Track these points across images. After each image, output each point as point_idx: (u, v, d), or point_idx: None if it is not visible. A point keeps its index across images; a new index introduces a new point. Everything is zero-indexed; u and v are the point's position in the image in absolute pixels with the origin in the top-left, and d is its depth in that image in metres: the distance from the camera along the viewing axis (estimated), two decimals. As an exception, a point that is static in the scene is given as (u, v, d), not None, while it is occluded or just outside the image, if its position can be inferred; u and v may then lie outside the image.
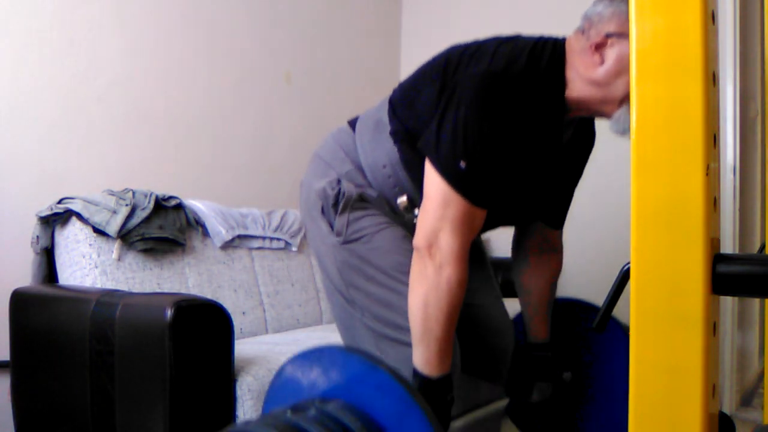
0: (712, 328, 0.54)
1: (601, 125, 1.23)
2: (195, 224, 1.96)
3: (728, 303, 2.39)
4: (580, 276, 2.21)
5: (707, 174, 0.52)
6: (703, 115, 0.52)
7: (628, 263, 0.58)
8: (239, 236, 2.05)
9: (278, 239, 2.19)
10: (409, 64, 3.24)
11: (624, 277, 0.76)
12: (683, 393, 0.52)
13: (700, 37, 0.52)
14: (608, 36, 1.03)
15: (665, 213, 0.53)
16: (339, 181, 1.21)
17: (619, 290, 0.87)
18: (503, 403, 1.64)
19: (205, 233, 1.99)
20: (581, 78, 1.08)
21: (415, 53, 3.23)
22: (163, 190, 1.92)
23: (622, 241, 1.34)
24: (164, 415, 1.19)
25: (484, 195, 1.06)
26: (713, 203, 0.54)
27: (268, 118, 2.58)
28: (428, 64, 1.18)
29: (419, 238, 1.07)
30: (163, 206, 1.84)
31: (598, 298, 1.04)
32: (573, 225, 1.49)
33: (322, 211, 1.22)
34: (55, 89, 1.90)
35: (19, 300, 1.59)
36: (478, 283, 1.34)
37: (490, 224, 1.21)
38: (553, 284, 1.40)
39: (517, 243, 1.43)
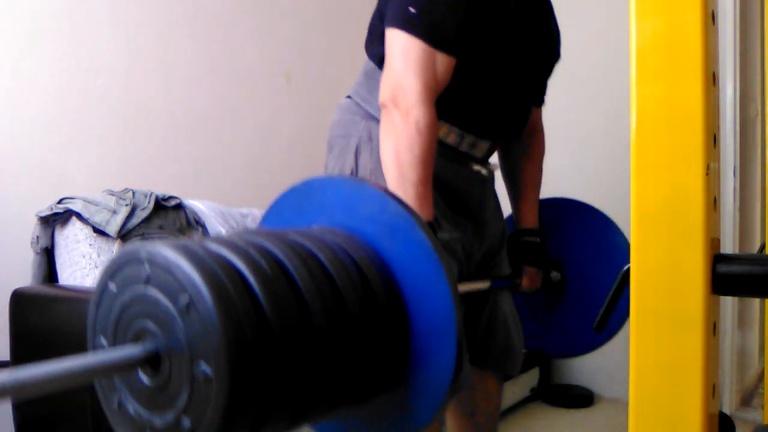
0: (712, 328, 0.54)
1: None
2: (195, 224, 1.96)
3: (728, 303, 2.39)
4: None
5: (707, 174, 0.52)
6: (703, 115, 0.52)
7: (628, 265, 0.58)
8: (239, 236, 2.05)
9: (278, 239, 2.19)
10: (409, 64, 3.24)
11: (624, 278, 0.76)
12: (683, 393, 0.52)
13: (700, 37, 0.52)
14: None
15: (665, 213, 0.53)
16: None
17: (619, 291, 0.87)
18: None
19: (205, 233, 1.98)
20: None
21: (415, 53, 3.23)
22: (163, 190, 1.92)
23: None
24: (164, 415, 1.19)
25: (439, 34, 1.04)
26: (713, 203, 0.54)
27: (268, 118, 2.58)
28: None
29: (383, 94, 1.05)
30: (163, 206, 1.84)
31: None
32: (573, 225, 1.49)
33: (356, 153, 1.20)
34: (55, 89, 1.89)
35: (19, 300, 1.59)
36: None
37: (483, 118, 1.19)
38: (540, 167, 1.39)
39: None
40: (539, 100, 1.36)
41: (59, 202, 1.70)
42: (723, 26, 2.36)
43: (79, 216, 1.68)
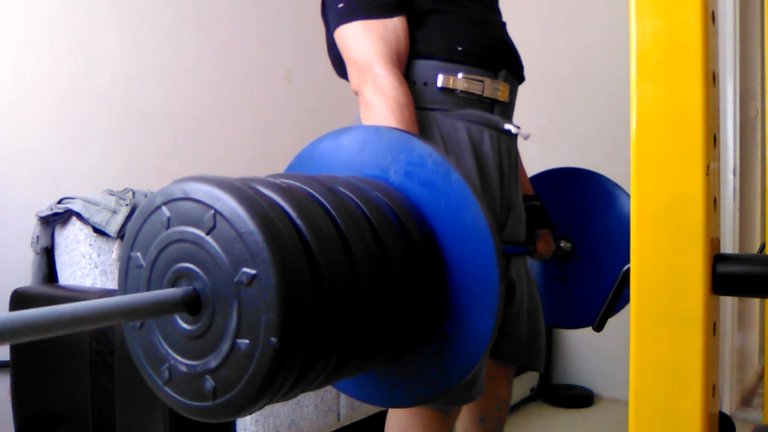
0: (712, 328, 0.54)
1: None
2: (195, 224, 1.96)
3: (728, 303, 2.39)
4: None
5: (707, 174, 0.52)
6: (703, 115, 0.52)
7: (628, 265, 0.58)
8: (239, 236, 2.05)
9: (278, 239, 2.19)
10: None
11: (624, 278, 0.76)
12: (683, 393, 0.52)
13: (700, 37, 0.52)
14: None
15: (665, 213, 0.53)
16: None
17: (618, 291, 0.87)
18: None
19: (205, 233, 1.99)
20: None
21: (415, 53, 3.23)
22: (163, 190, 1.92)
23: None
24: (164, 415, 1.19)
25: (369, 5, 1.04)
26: (713, 203, 0.54)
27: (268, 118, 2.58)
28: None
29: (353, 86, 1.07)
30: (163, 206, 1.84)
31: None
32: (573, 225, 1.49)
33: None
34: (55, 89, 1.89)
35: (19, 300, 1.59)
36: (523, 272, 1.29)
37: (486, 40, 1.16)
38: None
39: None
40: (522, 75, 1.30)
41: (59, 202, 1.70)
42: (723, 26, 2.36)
43: (79, 216, 1.68)
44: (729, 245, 2.37)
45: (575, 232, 1.41)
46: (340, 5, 1.06)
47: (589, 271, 1.39)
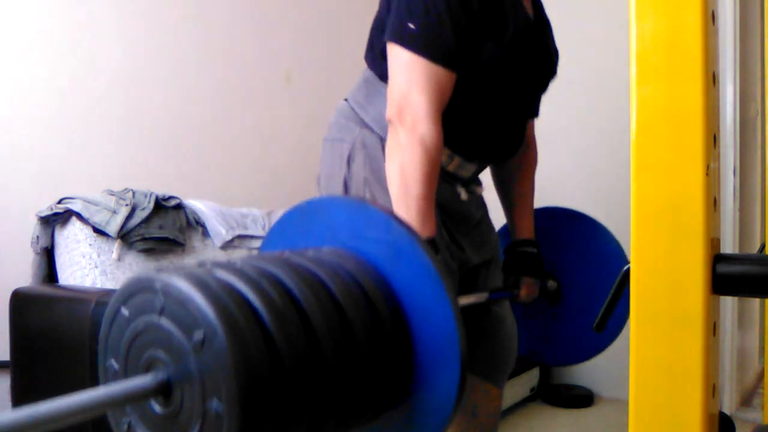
0: (712, 328, 0.54)
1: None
2: (195, 224, 1.96)
3: (728, 303, 2.39)
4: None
5: (707, 174, 0.52)
6: (703, 115, 0.52)
7: (629, 265, 0.58)
8: (239, 236, 2.05)
9: (278, 239, 2.19)
10: (409, 64, 3.24)
11: (624, 278, 0.76)
12: (683, 393, 0.52)
13: (700, 37, 0.52)
14: None
15: (665, 213, 0.53)
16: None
17: (619, 291, 0.87)
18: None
19: (205, 233, 1.99)
20: None
21: (415, 53, 3.23)
22: (163, 190, 1.92)
23: (622, 241, 1.34)
24: (164, 415, 1.19)
25: (439, 49, 1.05)
26: (713, 203, 0.54)
27: (268, 118, 2.58)
28: None
29: (389, 111, 1.06)
30: (163, 206, 1.84)
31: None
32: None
33: (348, 163, 1.20)
34: (55, 89, 1.90)
35: (19, 300, 1.59)
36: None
37: (476, 141, 1.18)
38: (533, 178, 1.40)
39: None
40: (533, 113, 1.35)
41: (59, 202, 1.70)
42: (723, 26, 2.36)
43: (79, 216, 1.68)
44: (729, 245, 2.37)
45: (561, 271, 1.42)
46: (411, 27, 1.04)
47: (574, 310, 1.40)
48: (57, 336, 1.45)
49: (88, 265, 1.65)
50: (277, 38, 2.62)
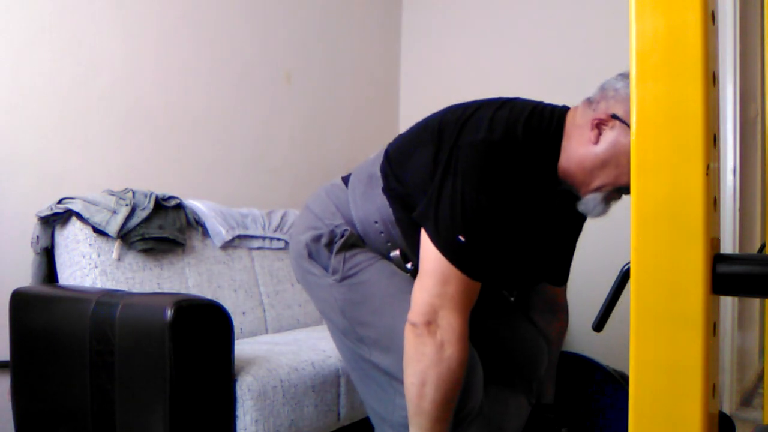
0: (712, 328, 0.54)
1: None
2: (195, 224, 1.96)
3: (728, 303, 2.39)
4: (580, 276, 2.20)
5: (707, 174, 0.52)
6: (703, 115, 0.52)
7: (628, 263, 0.57)
8: (239, 236, 2.05)
9: (278, 239, 2.19)
10: (409, 64, 3.24)
11: (624, 277, 0.76)
12: (683, 393, 0.52)
13: (700, 37, 0.52)
14: (614, 117, 1.00)
15: (665, 213, 0.53)
16: (332, 230, 1.21)
17: (618, 290, 0.87)
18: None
19: (205, 233, 1.99)
20: (572, 151, 1.05)
21: (415, 53, 3.23)
22: (163, 190, 1.92)
23: (622, 241, 1.34)
24: (164, 415, 1.19)
25: (483, 269, 1.04)
26: (713, 203, 0.54)
27: (268, 118, 2.58)
28: (425, 123, 1.17)
29: (415, 314, 1.03)
30: (163, 206, 1.84)
31: (598, 299, 1.04)
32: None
33: (310, 256, 1.21)
34: (55, 89, 1.89)
35: (19, 300, 1.59)
36: (505, 313, 1.34)
37: (492, 288, 1.20)
38: (560, 347, 1.38)
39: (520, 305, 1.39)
40: (563, 279, 1.32)
41: (59, 202, 1.70)
42: (723, 26, 2.36)
43: (79, 216, 1.68)
44: (729, 245, 2.37)
45: (573, 420, 1.42)
46: (461, 239, 1.01)
47: None
48: (57, 336, 1.45)
49: (88, 265, 1.65)
50: (278, 38, 2.62)
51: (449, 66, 3.08)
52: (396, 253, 1.19)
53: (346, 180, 1.28)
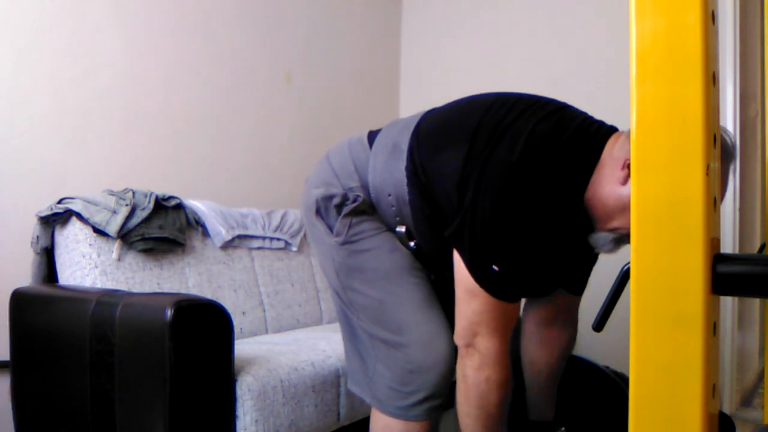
0: (712, 328, 0.54)
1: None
2: (195, 224, 1.96)
3: (728, 303, 2.39)
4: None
5: (707, 174, 0.52)
6: (703, 115, 0.52)
7: (628, 263, 0.57)
8: (239, 236, 2.05)
9: (278, 239, 2.19)
10: (409, 64, 3.24)
11: (624, 277, 0.76)
12: (683, 393, 0.52)
13: (700, 37, 0.52)
14: None
15: (665, 213, 0.53)
16: (345, 193, 1.20)
17: (618, 290, 0.87)
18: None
19: (205, 233, 1.98)
20: (599, 186, 1.02)
21: (415, 53, 3.23)
22: (163, 190, 1.92)
23: (622, 241, 1.34)
24: (164, 415, 1.19)
25: (517, 292, 1.05)
26: (713, 203, 0.54)
27: (268, 118, 2.58)
28: (463, 113, 1.11)
29: (458, 337, 1.07)
30: (163, 206, 1.84)
31: (598, 299, 1.04)
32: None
33: (318, 212, 1.21)
34: (55, 89, 1.90)
35: (19, 300, 1.59)
36: None
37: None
38: (564, 360, 1.36)
39: (528, 314, 1.37)
40: (581, 288, 1.31)
41: (59, 202, 1.70)
42: (723, 26, 2.36)
43: (79, 216, 1.68)
44: (729, 245, 2.37)
45: (571, 422, 1.41)
46: (495, 269, 1.00)
47: None
48: (57, 336, 1.45)
49: (88, 265, 1.65)
50: (278, 38, 2.62)
51: (449, 66, 3.08)
52: (402, 229, 1.18)
53: (372, 138, 1.23)
